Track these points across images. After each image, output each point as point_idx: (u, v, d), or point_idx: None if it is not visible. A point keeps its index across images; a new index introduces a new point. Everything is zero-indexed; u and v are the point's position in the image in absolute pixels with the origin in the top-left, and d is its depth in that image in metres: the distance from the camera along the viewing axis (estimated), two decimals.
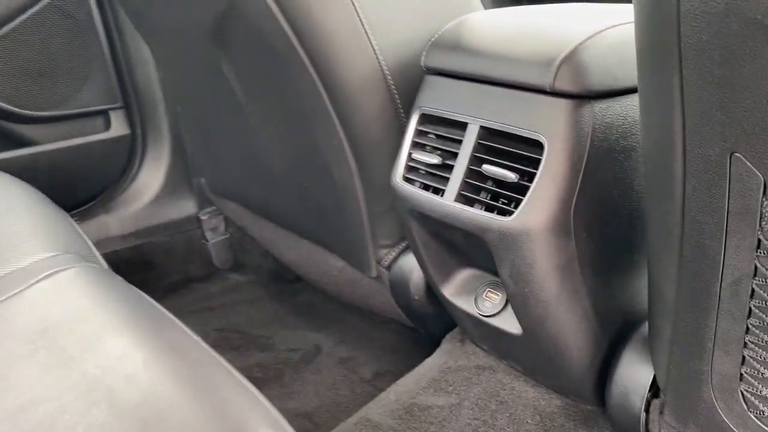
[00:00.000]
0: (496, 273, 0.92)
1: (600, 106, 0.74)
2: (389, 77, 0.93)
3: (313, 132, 1.04)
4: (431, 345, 1.25)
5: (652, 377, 0.80)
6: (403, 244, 1.09)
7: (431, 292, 1.06)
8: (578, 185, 0.74)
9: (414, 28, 0.94)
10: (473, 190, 0.82)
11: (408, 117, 0.96)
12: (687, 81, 0.53)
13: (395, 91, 0.95)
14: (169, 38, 1.23)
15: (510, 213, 0.77)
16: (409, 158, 0.89)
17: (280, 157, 1.17)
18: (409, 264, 1.07)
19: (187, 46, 1.18)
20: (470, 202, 0.82)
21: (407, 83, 0.95)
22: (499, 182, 0.79)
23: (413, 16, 0.94)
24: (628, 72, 0.76)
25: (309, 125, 1.04)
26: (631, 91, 0.77)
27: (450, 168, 0.84)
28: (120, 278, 0.77)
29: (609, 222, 0.80)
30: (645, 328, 0.85)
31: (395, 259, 1.09)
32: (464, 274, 0.95)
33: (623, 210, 0.80)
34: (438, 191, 0.85)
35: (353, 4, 0.88)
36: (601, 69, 0.73)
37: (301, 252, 1.33)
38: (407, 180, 0.90)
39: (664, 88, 0.56)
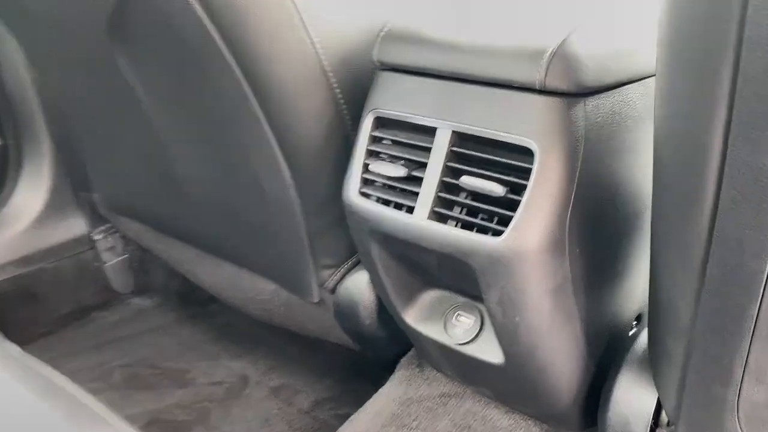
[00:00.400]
0: (465, 293, 0.82)
1: (592, 104, 0.65)
2: (330, 73, 0.80)
3: (237, 139, 0.89)
4: (378, 366, 1.13)
5: (655, 402, 0.72)
6: (350, 263, 0.96)
7: (384, 313, 0.94)
8: (572, 195, 0.65)
9: (357, 14, 0.81)
10: (447, 205, 0.70)
11: (354, 120, 0.83)
12: (745, 74, 0.43)
13: (338, 90, 0.81)
14: (46, 30, 1.02)
15: (496, 232, 0.66)
16: (365, 170, 0.76)
17: (195, 169, 1.00)
18: (358, 285, 0.94)
19: (70, 39, 0.98)
20: (444, 219, 0.70)
21: (352, 80, 0.81)
22: (477, 195, 0.68)
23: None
24: (620, 63, 0.67)
25: (232, 132, 0.88)
26: (620, 84, 0.68)
27: (417, 180, 0.71)
28: (26, 356, 0.59)
29: (602, 233, 0.71)
30: (638, 345, 0.77)
31: (341, 279, 0.96)
32: (429, 296, 0.84)
33: (616, 218, 0.71)
34: (402, 207, 0.73)
35: None
36: (594, 61, 0.63)
37: (221, 276, 1.16)
38: (363, 195, 0.76)
39: (703, 79, 0.46)
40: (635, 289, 0.81)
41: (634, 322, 0.86)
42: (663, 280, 0.64)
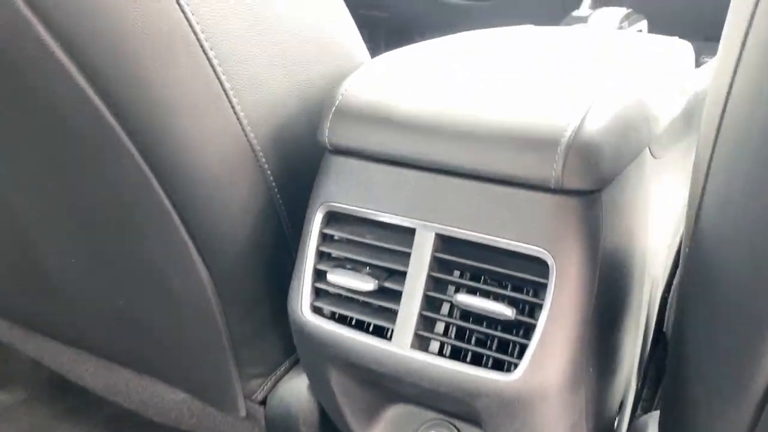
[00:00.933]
0: (438, 409, 0.68)
1: (606, 197, 0.53)
2: (260, 152, 0.63)
3: (135, 234, 0.69)
4: None
5: None
6: (283, 368, 0.79)
7: (327, 423, 0.78)
8: (593, 311, 0.53)
9: (286, 78, 0.64)
10: (430, 325, 0.56)
11: (289, 209, 0.66)
12: None
13: (269, 173, 0.64)
14: None
15: (497, 360, 0.53)
16: (318, 278, 0.60)
17: (74, 264, 0.79)
18: (294, 393, 0.77)
19: None
20: (425, 343, 0.56)
21: (285, 161, 0.65)
22: (467, 312, 0.55)
23: (282, 58, 0.64)
24: (629, 144, 0.55)
25: (128, 225, 0.69)
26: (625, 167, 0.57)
27: (389, 293, 0.56)
28: None
29: (610, 340, 0.59)
30: None
31: (273, 388, 0.79)
32: (394, 413, 0.69)
33: (621, 319, 0.60)
34: (363, 323, 0.58)
35: (201, 44, 0.55)
36: (612, 147, 0.51)
37: (115, 380, 0.95)
38: (317, 311, 0.60)
39: None
40: (623, 379, 0.72)
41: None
42: (700, 409, 0.53)
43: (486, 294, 0.54)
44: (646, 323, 0.76)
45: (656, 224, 0.69)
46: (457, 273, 0.56)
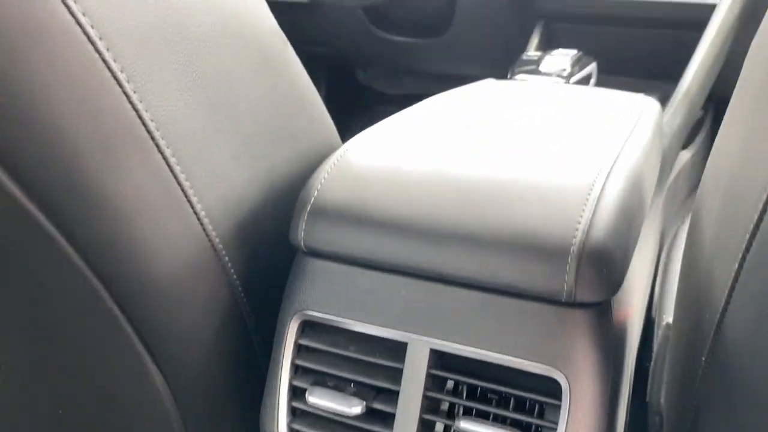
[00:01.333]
0: None
1: (616, 301, 0.49)
2: (223, 252, 0.56)
3: (79, 343, 0.61)
4: None
5: None
6: None
7: None
8: (606, 424, 0.48)
9: (249, 169, 0.58)
10: None
11: (255, 313, 0.59)
12: None
13: (234, 274, 0.57)
14: None
15: None
16: (294, 396, 0.53)
17: (5, 369, 0.70)
18: None
19: None
20: None
21: (250, 260, 0.58)
22: None
23: (244, 147, 0.57)
24: (634, 236, 0.51)
25: (71, 333, 0.60)
26: None
27: (380, 416, 0.50)
28: None
29: None
30: None
31: None
32: None
33: (622, 410, 0.56)
34: None
35: (156, 143, 0.48)
36: (622, 248, 0.47)
37: None
38: None
39: None
40: None
41: None
42: None
43: (486, 414, 0.48)
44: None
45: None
46: (450, 383, 0.51)
